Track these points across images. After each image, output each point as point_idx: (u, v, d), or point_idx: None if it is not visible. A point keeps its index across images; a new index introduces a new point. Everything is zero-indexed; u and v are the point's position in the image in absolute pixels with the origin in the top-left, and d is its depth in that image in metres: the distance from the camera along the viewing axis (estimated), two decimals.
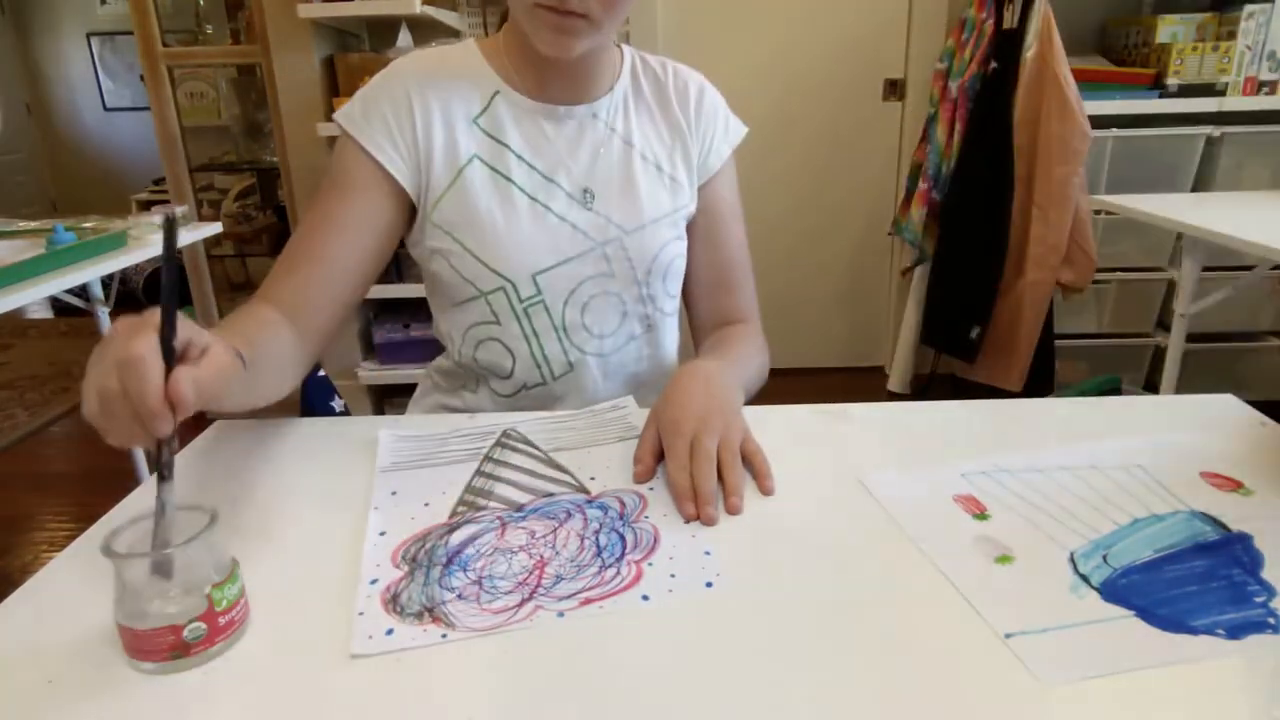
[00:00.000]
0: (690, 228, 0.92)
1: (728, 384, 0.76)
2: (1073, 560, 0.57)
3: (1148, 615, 0.51)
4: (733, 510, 0.62)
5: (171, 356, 0.49)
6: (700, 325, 0.97)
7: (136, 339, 0.48)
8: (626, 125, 0.88)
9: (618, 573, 0.55)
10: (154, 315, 0.51)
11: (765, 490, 0.65)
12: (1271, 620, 0.51)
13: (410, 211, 0.84)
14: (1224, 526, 0.61)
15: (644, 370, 0.94)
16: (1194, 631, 0.50)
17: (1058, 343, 2.48)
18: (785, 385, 2.98)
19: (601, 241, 0.85)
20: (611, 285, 0.87)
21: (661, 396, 0.74)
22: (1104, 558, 0.57)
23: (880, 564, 0.57)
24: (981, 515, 0.63)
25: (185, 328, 0.51)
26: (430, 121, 0.81)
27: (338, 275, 0.80)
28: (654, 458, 0.69)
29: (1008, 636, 0.49)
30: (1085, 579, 0.55)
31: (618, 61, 0.89)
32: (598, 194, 0.85)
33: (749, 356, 0.89)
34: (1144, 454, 0.72)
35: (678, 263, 0.90)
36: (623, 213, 0.86)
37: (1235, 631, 0.50)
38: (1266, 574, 0.55)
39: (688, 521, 0.62)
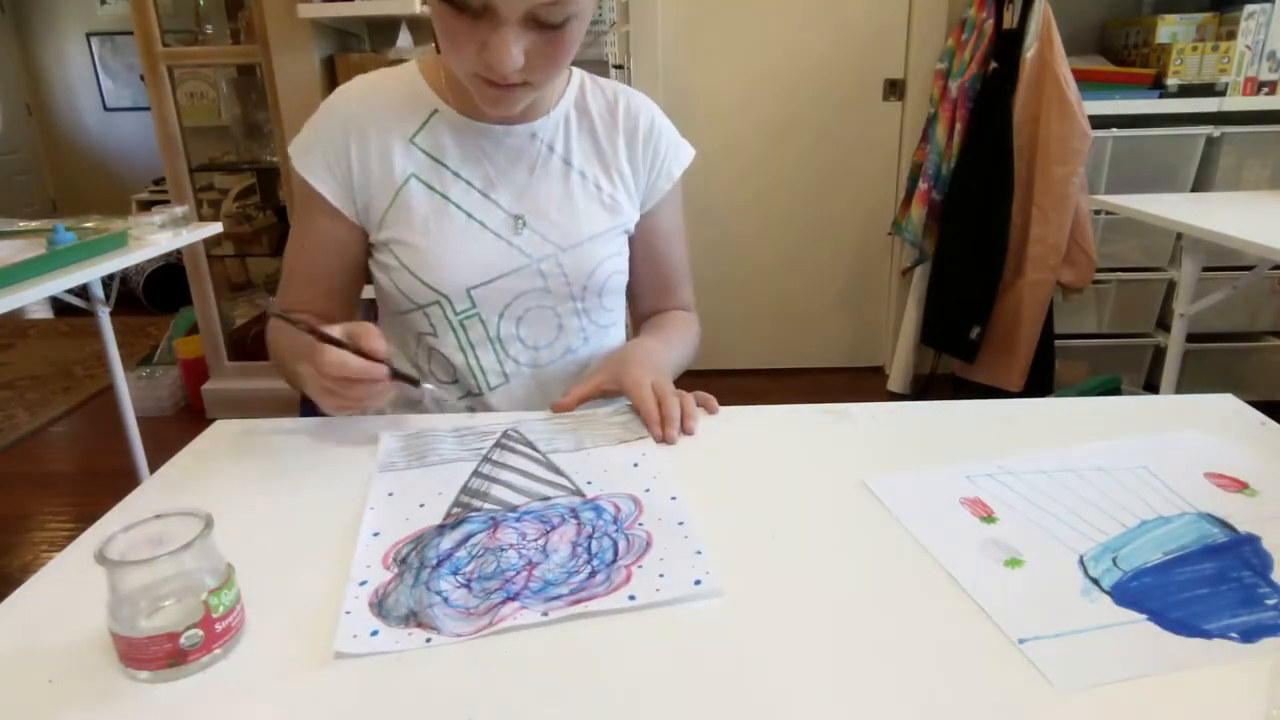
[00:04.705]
0: (639, 243, 0.96)
1: (665, 359, 0.89)
2: (1082, 563, 0.57)
3: (1160, 619, 0.51)
4: (690, 431, 0.76)
5: (330, 339, 0.69)
6: (642, 317, 1.04)
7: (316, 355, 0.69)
8: (566, 144, 0.90)
9: (607, 578, 0.55)
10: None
11: (689, 430, 0.77)
12: None
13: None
14: (1231, 528, 0.61)
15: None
16: (1207, 635, 0.50)
17: (1058, 343, 2.48)
18: (785, 385, 3.01)
19: (537, 258, 0.87)
20: (547, 300, 0.89)
21: (618, 358, 0.85)
22: (1114, 560, 0.57)
23: (886, 566, 0.57)
24: (989, 518, 0.63)
25: (335, 330, 0.70)
26: (366, 150, 0.85)
27: (333, 290, 0.90)
28: (579, 402, 0.81)
29: (1021, 642, 0.49)
30: (1096, 582, 0.55)
31: (561, 84, 0.91)
32: (530, 218, 0.87)
33: (684, 338, 0.99)
34: (1148, 455, 0.72)
35: (616, 278, 0.92)
36: (560, 230, 0.88)
37: (1249, 635, 0.49)
38: (1277, 576, 0.55)
39: (658, 442, 0.75)
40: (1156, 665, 0.47)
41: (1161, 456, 0.72)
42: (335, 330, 0.70)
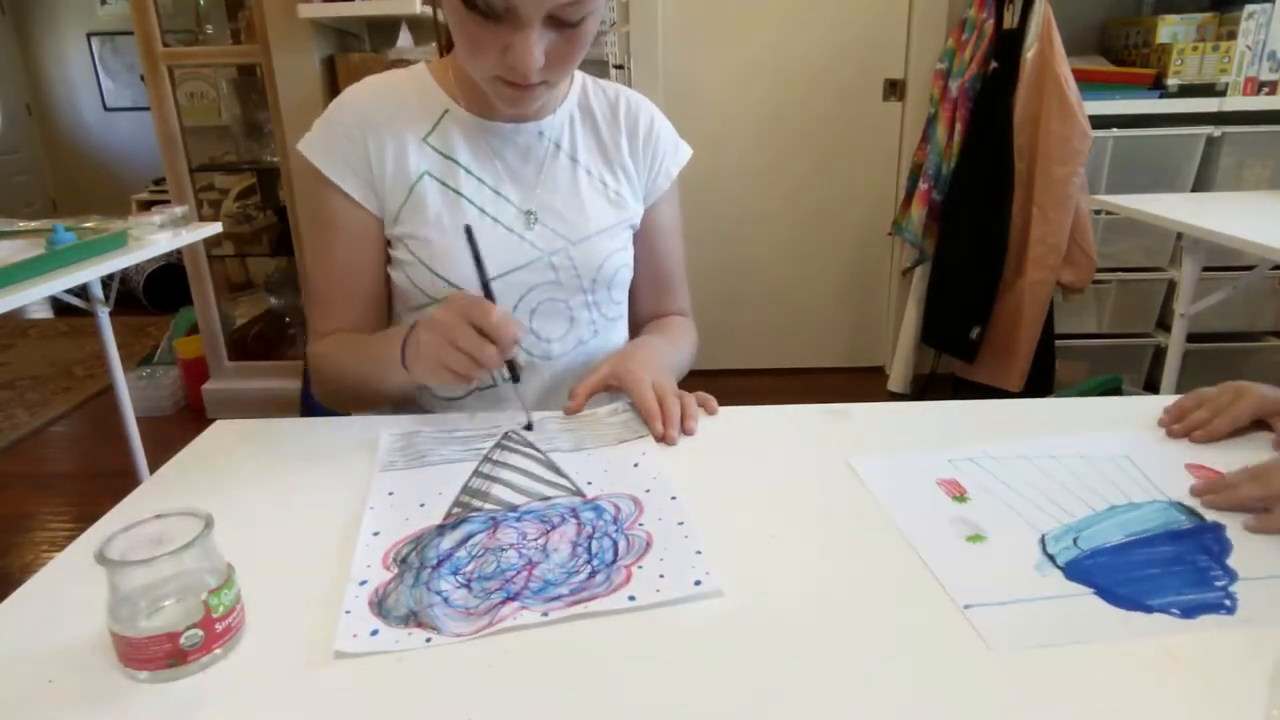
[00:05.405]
0: (639, 240, 0.98)
1: (668, 360, 0.91)
2: (1043, 541, 0.59)
3: (1106, 594, 0.53)
4: (690, 431, 0.77)
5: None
6: (640, 321, 1.05)
7: (466, 299, 0.71)
8: (572, 142, 0.92)
9: (607, 578, 0.55)
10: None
11: (689, 430, 0.77)
12: (1227, 603, 0.52)
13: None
14: (1199, 516, 0.62)
15: None
16: (1149, 610, 0.51)
17: (1058, 343, 2.48)
18: (785, 385, 3.01)
19: (549, 251, 0.88)
20: (558, 293, 0.90)
21: (621, 355, 0.86)
22: (1074, 540, 0.59)
23: (860, 545, 0.58)
24: (960, 498, 0.65)
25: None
26: (382, 146, 0.85)
27: (372, 305, 0.91)
28: (586, 398, 0.82)
29: (966, 608, 0.51)
30: (1052, 559, 0.56)
31: (566, 85, 0.92)
32: (541, 214, 0.89)
33: (684, 342, 1.00)
34: (1133, 445, 0.73)
35: (623, 273, 0.94)
36: (568, 225, 0.89)
37: (1190, 611, 0.51)
38: (1232, 561, 0.56)
39: (659, 440, 0.75)
40: (1093, 634, 0.49)
41: (1146, 448, 0.73)
42: None
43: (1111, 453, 0.71)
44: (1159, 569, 0.55)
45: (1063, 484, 0.66)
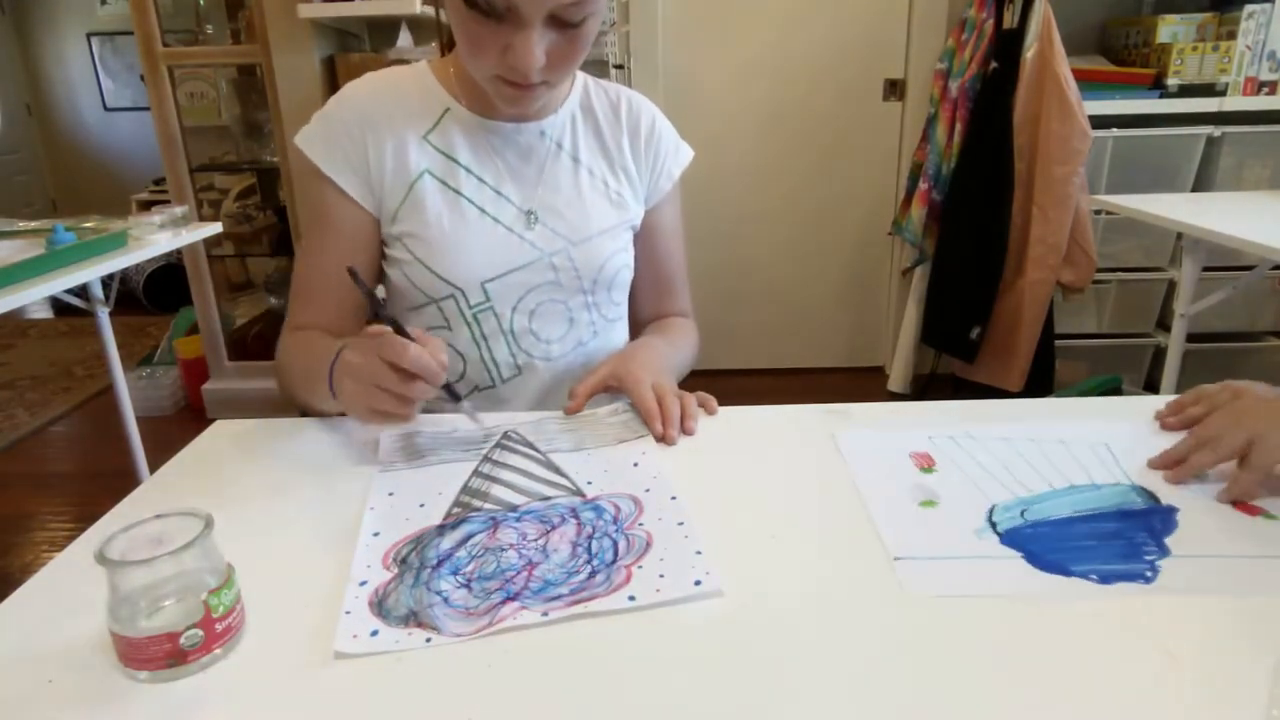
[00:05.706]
0: (640, 241, 0.97)
1: (668, 360, 0.91)
2: (990, 511, 0.60)
3: (1034, 559, 0.55)
4: (690, 431, 0.76)
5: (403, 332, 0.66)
6: (641, 322, 1.05)
7: (374, 337, 0.66)
8: (574, 142, 0.91)
9: (607, 578, 0.55)
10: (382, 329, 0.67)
11: (689, 430, 0.77)
12: (1149, 574, 0.53)
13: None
14: (1155, 499, 0.63)
15: None
16: (1068, 574, 0.53)
17: (1058, 343, 2.48)
18: (785, 385, 3.02)
19: (549, 252, 0.88)
20: (558, 294, 0.90)
21: (622, 356, 0.85)
22: (1021, 512, 0.60)
23: (860, 545, 0.59)
24: (928, 469, 0.67)
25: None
26: (381, 144, 0.85)
27: (354, 306, 0.88)
28: (586, 399, 0.81)
29: (896, 559, 0.54)
30: (993, 526, 0.58)
31: (567, 85, 0.92)
32: (541, 214, 0.88)
33: (685, 343, 1.00)
34: (1116, 435, 0.74)
35: (624, 273, 0.94)
36: (569, 225, 0.89)
37: (1107, 578, 0.53)
38: (1172, 540, 0.57)
39: (659, 440, 0.75)
40: (1002, 589, 0.51)
41: (1127, 438, 0.74)
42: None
43: (1091, 440, 0.72)
44: (1096, 541, 0.57)
45: (1031, 463, 0.68)
